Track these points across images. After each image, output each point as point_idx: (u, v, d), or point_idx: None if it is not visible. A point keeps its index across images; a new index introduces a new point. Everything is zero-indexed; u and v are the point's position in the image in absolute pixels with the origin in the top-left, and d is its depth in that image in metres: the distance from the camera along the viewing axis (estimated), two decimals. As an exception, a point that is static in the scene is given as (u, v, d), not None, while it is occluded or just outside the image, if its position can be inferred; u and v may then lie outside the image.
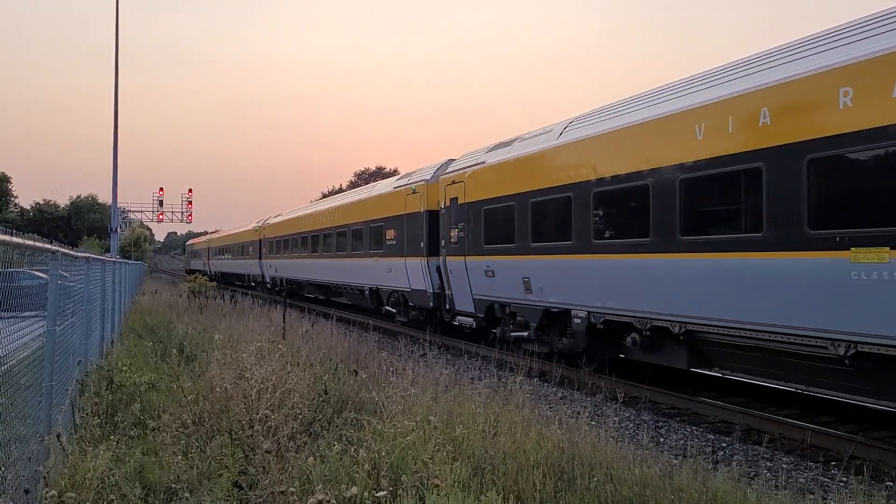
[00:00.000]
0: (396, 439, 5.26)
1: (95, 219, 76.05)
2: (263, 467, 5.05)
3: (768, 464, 7.45)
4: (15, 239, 4.35)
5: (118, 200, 36.01)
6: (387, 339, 17.32)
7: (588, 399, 10.39)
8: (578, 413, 6.96)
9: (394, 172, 73.92)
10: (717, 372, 10.49)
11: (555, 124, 13.27)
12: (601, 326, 11.25)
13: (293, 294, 33.35)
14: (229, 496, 4.91)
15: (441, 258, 16.83)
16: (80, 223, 76.18)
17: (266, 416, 5.45)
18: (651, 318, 10.18)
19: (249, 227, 44.42)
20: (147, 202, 66.14)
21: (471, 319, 15.69)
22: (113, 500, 4.75)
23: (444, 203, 16.54)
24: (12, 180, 74.05)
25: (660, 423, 9.39)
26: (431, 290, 17.52)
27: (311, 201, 36.01)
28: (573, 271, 11.79)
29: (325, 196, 68.13)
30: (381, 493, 4.33)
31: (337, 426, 6.40)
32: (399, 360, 9.67)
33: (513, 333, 14.01)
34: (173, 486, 5.12)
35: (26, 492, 4.26)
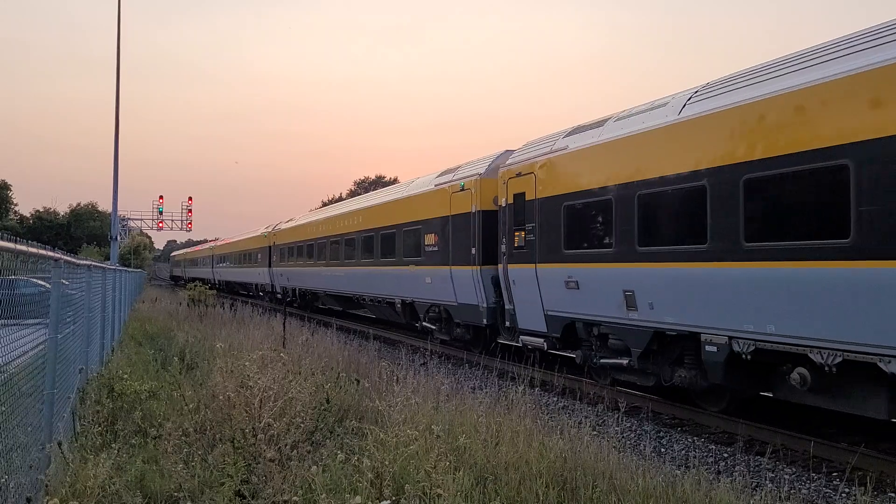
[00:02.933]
0: (399, 448, 5.25)
1: (95, 226, 76.07)
2: (266, 476, 5.04)
3: (771, 475, 7.43)
4: (19, 246, 4.36)
5: (118, 208, 36.01)
6: (387, 348, 17.31)
7: (590, 409, 10.37)
8: (580, 423, 6.94)
9: (394, 181, 73.83)
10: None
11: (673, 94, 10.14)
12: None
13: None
14: (231, 505, 4.89)
15: (500, 267, 13.69)
16: (80, 231, 76.21)
17: (269, 425, 5.44)
18: None
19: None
20: (147, 210, 66.19)
21: (541, 340, 12.57)
22: (114, 508, 4.74)
23: (507, 200, 13.35)
24: (12, 188, 74.11)
25: (661, 434, 9.36)
26: (486, 305, 14.36)
27: (311, 210, 36.68)
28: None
29: (325, 205, 68.56)
30: (384, 503, 4.33)
31: (339, 435, 6.39)
32: (400, 370, 9.66)
33: (602, 360, 11.13)
34: (175, 494, 5.10)
35: (28, 500, 4.25)
